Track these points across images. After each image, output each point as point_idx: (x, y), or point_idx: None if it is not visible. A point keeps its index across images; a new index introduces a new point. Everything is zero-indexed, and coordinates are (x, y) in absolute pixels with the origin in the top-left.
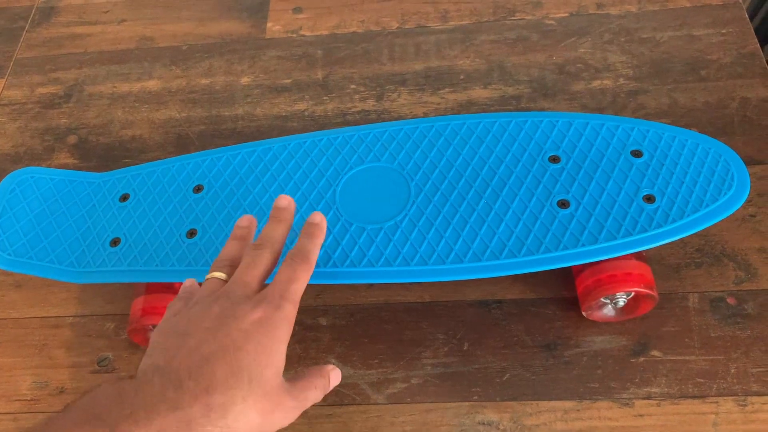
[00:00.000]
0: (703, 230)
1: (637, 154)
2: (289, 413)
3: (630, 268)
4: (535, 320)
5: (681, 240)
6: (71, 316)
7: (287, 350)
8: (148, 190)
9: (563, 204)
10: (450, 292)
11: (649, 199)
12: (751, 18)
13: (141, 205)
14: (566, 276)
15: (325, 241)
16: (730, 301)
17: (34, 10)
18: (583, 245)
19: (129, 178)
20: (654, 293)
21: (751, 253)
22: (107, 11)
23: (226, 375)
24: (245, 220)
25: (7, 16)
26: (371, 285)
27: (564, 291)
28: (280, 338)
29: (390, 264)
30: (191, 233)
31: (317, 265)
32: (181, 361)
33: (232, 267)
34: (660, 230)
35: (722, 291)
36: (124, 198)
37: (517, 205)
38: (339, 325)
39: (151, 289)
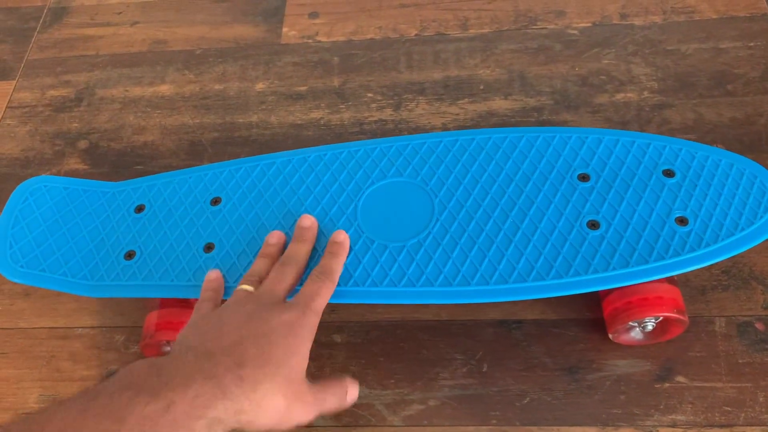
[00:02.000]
0: None
1: (669, 173)
2: (308, 409)
3: (662, 291)
4: (557, 342)
5: None
6: (80, 328)
7: None
8: (164, 202)
9: (593, 225)
10: (468, 311)
11: (682, 221)
12: None
13: (157, 217)
14: (589, 296)
15: (347, 259)
16: (759, 326)
17: (45, 11)
18: (614, 269)
19: (145, 188)
20: (685, 318)
21: None
22: (120, 13)
23: (257, 355)
24: (274, 237)
25: (18, 17)
26: None
27: (587, 312)
28: (304, 338)
29: (413, 284)
30: (208, 247)
31: (338, 284)
32: (214, 342)
33: (260, 283)
34: (694, 254)
35: (750, 315)
36: (140, 209)
37: (545, 225)
38: (354, 343)
39: (166, 303)
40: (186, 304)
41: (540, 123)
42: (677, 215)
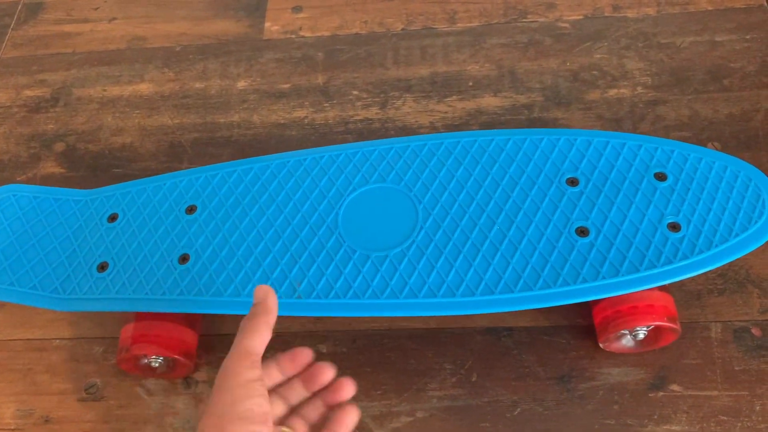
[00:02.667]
0: None
1: (661, 177)
2: None
3: (652, 299)
4: (548, 350)
5: None
6: (57, 339)
7: None
8: (138, 210)
9: (582, 232)
10: (457, 319)
11: (675, 227)
12: None
13: (130, 227)
14: (581, 303)
15: (327, 269)
16: (755, 332)
17: (20, 6)
18: (604, 278)
19: (118, 196)
20: (677, 326)
21: None
22: (97, 8)
23: None
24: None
25: None
26: None
27: (579, 319)
28: None
29: (396, 296)
30: (183, 258)
31: (319, 297)
32: None
33: None
34: (686, 262)
35: (746, 320)
36: (113, 218)
37: (533, 233)
38: (340, 353)
39: (141, 315)
40: (162, 317)
41: (530, 120)
42: (669, 221)
